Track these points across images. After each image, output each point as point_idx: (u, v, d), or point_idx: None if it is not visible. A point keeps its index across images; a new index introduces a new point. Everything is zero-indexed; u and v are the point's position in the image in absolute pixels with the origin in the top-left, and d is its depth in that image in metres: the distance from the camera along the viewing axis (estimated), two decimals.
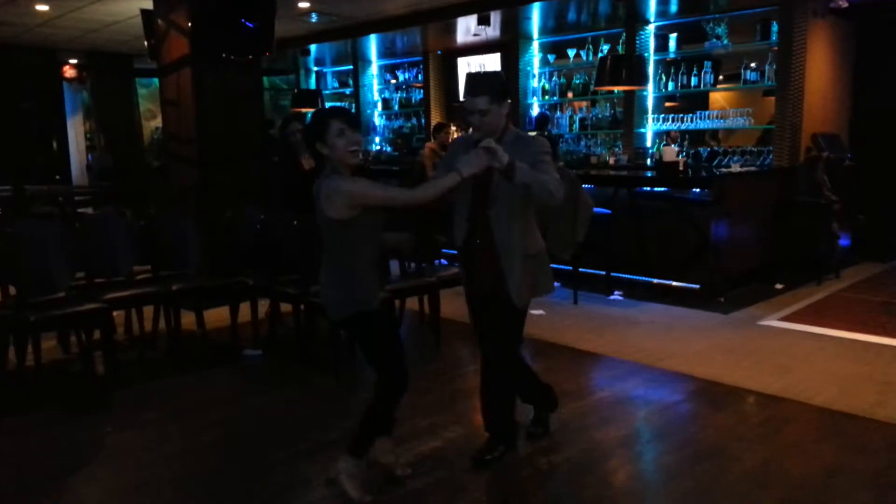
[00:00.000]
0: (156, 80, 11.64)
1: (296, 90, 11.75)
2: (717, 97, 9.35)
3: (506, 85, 3.15)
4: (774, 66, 7.18)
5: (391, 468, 3.15)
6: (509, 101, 3.04)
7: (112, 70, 11.64)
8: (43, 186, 9.73)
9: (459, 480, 3.16)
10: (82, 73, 11.55)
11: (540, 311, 5.85)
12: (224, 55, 6.15)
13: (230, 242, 5.41)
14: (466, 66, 9.98)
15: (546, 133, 8.07)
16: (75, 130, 11.82)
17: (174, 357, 4.96)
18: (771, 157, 7.26)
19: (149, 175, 11.07)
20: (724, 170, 7.00)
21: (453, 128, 9.21)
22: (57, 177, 11.36)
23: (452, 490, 3.08)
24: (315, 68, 12.32)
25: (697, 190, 6.20)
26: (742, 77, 7.55)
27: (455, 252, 3.32)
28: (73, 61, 11.41)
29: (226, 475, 3.29)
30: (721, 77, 7.95)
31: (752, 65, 7.54)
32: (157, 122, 12.48)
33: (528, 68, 9.37)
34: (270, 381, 4.64)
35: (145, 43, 7.62)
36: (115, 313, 4.51)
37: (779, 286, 6.48)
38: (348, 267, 2.87)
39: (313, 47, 11.26)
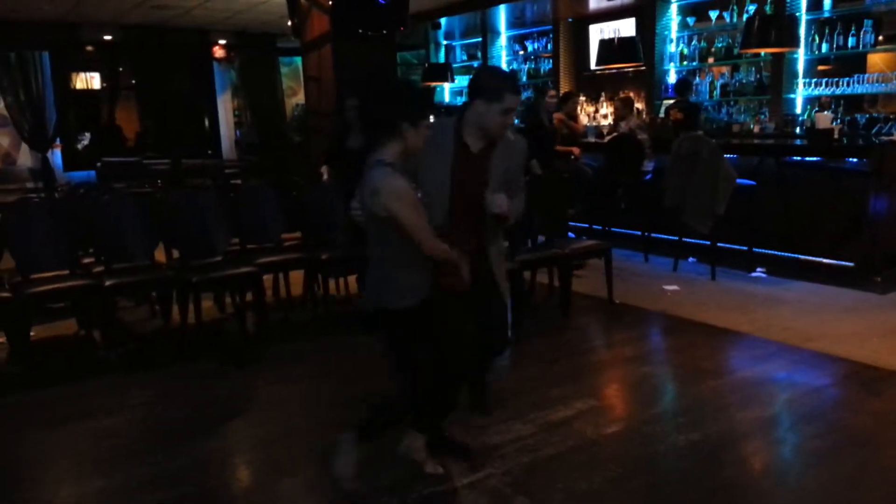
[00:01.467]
0: (296, 59, 12.26)
1: (426, 64, 11.91)
2: (877, 59, 8.52)
3: None
4: None
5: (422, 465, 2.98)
6: None
7: (258, 49, 12.33)
8: (197, 160, 10.54)
9: (591, 451, 3.17)
10: (231, 52, 12.32)
11: (674, 287, 5.68)
12: (361, 31, 6.35)
13: None
14: (599, 32, 9.70)
15: (685, 100, 7.71)
16: (224, 108, 12.66)
17: (320, 319, 5.26)
18: None
19: (290, 149, 11.69)
20: (884, 138, 6.41)
21: (582, 97, 9.03)
22: (209, 151, 12.24)
23: (588, 461, 3.09)
24: (444, 42, 12.42)
25: (854, 160, 5.73)
26: None
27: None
28: (223, 42, 12.17)
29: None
30: (881, 37, 7.25)
31: None
32: (298, 98, 13.12)
33: (666, 32, 8.96)
34: None
35: (289, 22, 8.00)
36: (265, 277, 4.85)
37: None
38: (391, 260, 2.66)
39: (443, 20, 11.35)
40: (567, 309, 5.12)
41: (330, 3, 6.22)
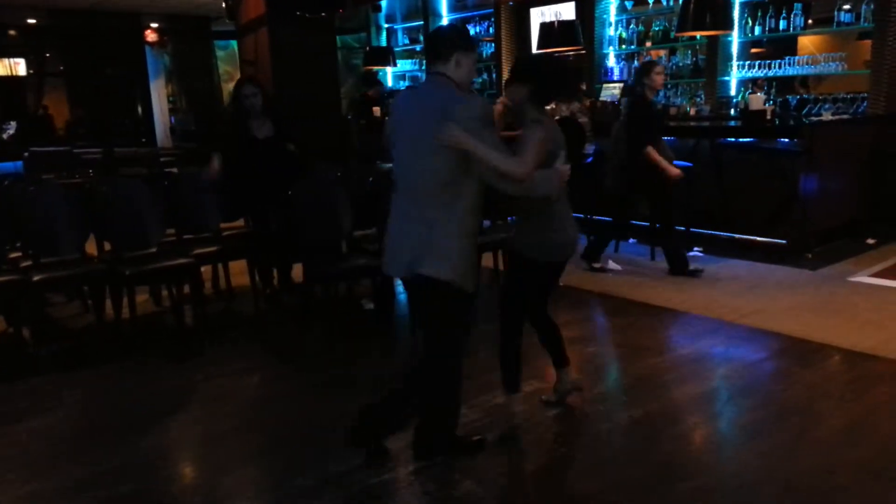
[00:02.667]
0: (232, 43, 11.93)
1: (367, 48, 11.75)
2: (806, 42, 8.80)
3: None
4: (871, 6, 6.69)
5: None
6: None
7: (191, 33, 11.95)
8: (130, 149, 10.17)
9: (537, 432, 3.20)
10: (163, 36, 11.91)
11: (617, 267, 5.77)
12: (299, 13, 6.21)
13: None
14: (540, 15, 9.71)
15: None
16: (158, 94, 12.26)
17: (264, 311, 5.15)
18: (865, 104, 6.82)
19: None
20: (814, 118, 6.63)
21: None
22: (143, 139, 11.85)
23: (533, 442, 3.12)
24: (386, 25, 12.27)
25: (786, 140, 5.91)
26: (835, 19, 7.07)
27: None
28: (155, 25, 11.75)
29: (308, 424, 3.42)
30: (811, 20, 7.48)
31: (846, 6, 7.05)
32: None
33: (605, 16, 9.04)
34: (360, 331, 4.76)
35: (223, 4, 7.77)
36: (204, 268, 4.72)
37: (871, 241, 6.15)
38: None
39: (384, 3, 11.21)
40: None
41: None
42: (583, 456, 3.04)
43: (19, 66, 11.83)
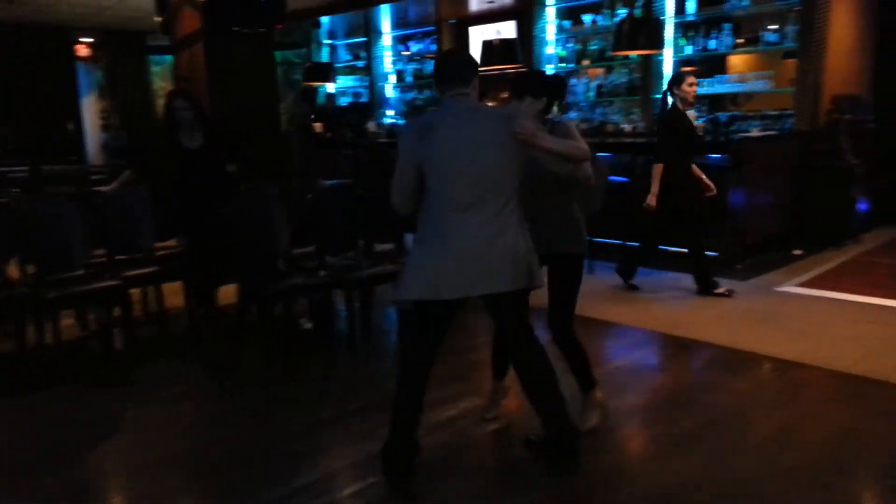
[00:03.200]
0: (168, 58, 11.69)
1: (308, 64, 11.68)
2: (736, 61, 9.13)
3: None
4: (796, 27, 7.00)
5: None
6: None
7: (125, 48, 11.66)
8: (59, 166, 9.80)
9: (475, 451, 3.18)
10: (96, 51, 11.58)
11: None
12: (236, 29, 6.12)
13: None
14: (480, 34, 9.83)
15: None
16: (90, 110, 11.89)
17: (194, 333, 5.01)
18: (791, 120, 7.12)
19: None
20: (742, 134, 6.87)
21: None
22: (73, 157, 11.44)
23: (473, 459, 3.10)
24: (327, 41, 12.23)
25: (716, 155, 6.10)
26: (761, 39, 7.37)
27: None
28: (87, 40, 11.42)
29: (246, 448, 3.33)
30: (741, 40, 7.78)
31: (773, 26, 7.36)
32: None
33: (543, 35, 9.21)
34: (291, 354, 4.67)
35: (157, 19, 7.61)
36: (133, 290, 4.57)
37: (797, 252, 6.39)
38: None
39: (325, 19, 11.16)
40: None
41: None
42: (519, 470, 3.03)
43: None
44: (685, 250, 5.62)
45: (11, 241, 4.47)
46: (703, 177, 5.39)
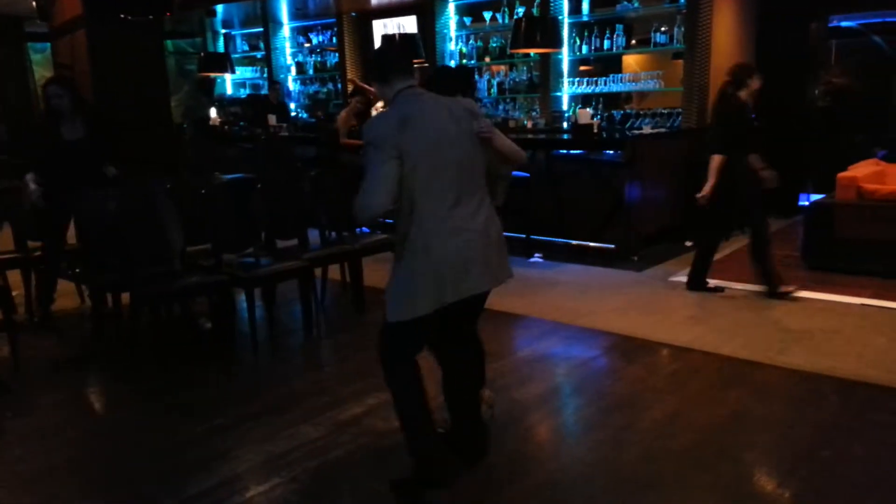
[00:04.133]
0: (49, 45, 10.96)
1: (202, 53, 11.24)
2: (631, 61, 9.51)
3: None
4: (683, 29, 7.35)
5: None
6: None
7: (1, 34, 10.82)
8: None
9: (380, 447, 3.16)
10: None
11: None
12: (121, 15, 5.80)
13: None
14: (383, 27, 9.78)
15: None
16: None
17: (82, 338, 4.74)
18: (680, 118, 7.48)
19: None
20: (635, 132, 7.16)
21: (373, 89, 9.04)
22: None
23: (378, 454, 3.08)
24: (223, 31, 11.81)
25: (611, 152, 6.33)
26: (652, 40, 7.70)
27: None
28: None
29: (136, 456, 3.17)
30: (634, 41, 8.09)
31: (662, 28, 7.70)
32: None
33: (445, 31, 9.25)
34: (190, 356, 4.48)
35: (33, 3, 7.11)
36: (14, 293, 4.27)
37: (688, 244, 6.72)
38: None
39: (220, 8, 10.78)
40: (360, 304, 5.10)
41: None
42: None
43: None
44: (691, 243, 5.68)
45: None
46: (763, 168, 5.16)
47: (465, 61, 9.19)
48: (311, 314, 4.74)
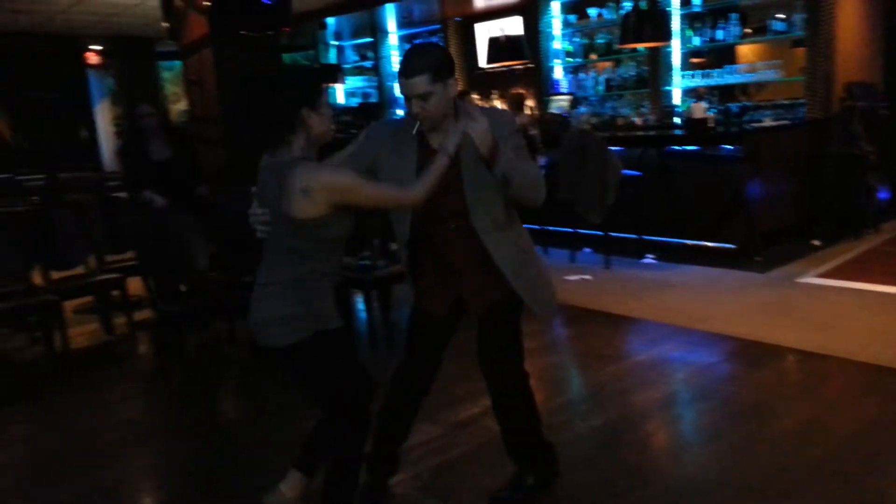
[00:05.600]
0: (178, 63, 11.75)
1: (316, 66, 11.69)
2: (745, 51, 9.08)
3: (450, 58, 2.40)
4: (803, 15, 6.95)
5: None
6: (454, 77, 2.36)
7: (135, 54, 11.72)
8: (75, 174, 9.88)
9: (499, 447, 3.17)
10: (106, 59, 11.65)
11: (575, 277, 5.82)
12: (243, 32, 6.14)
13: None
14: (486, 31, 9.81)
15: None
16: (103, 117, 11.95)
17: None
18: (803, 109, 7.07)
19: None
20: (755, 125, 6.83)
21: (475, 96, 9.11)
22: (90, 164, 11.52)
23: (495, 456, 3.10)
24: (334, 42, 12.24)
25: (729, 147, 6.07)
26: (768, 28, 7.32)
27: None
28: (97, 47, 11.49)
29: (263, 444, 3.34)
30: (748, 30, 7.73)
31: (779, 15, 7.31)
32: (183, 104, 12.58)
33: (549, 30, 9.18)
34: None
35: (164, 24, 7.64)
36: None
37: (816, 242, 6.35)
38: (310, 277, 2.31)
39: (331, 21, 11.17)
40: None
41: (207, 3, 5.98)
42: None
43: None
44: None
45: (31, 248, 4.53)
46: None
47: (570, 59, 9.09)
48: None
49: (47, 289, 4.64)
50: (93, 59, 11.58)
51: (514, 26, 9.48)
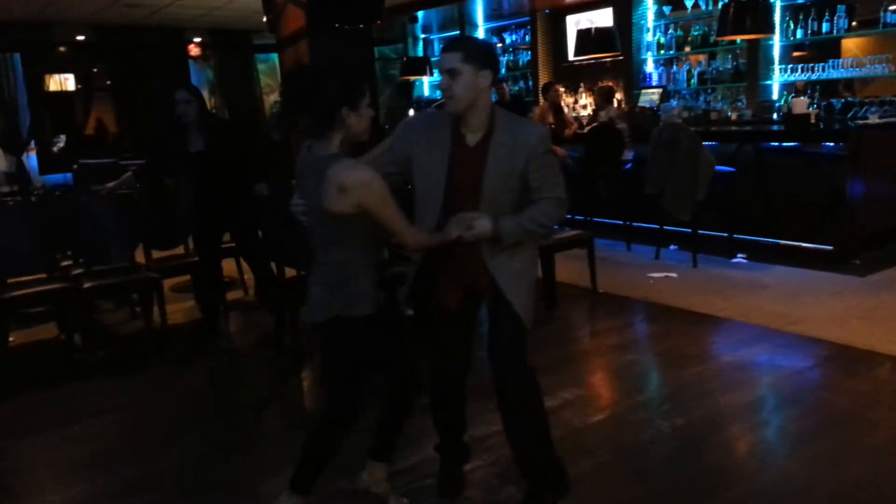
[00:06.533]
0: (273, 56, 12.17)
1: (404, 58, 11.87)
2: (850, 45, 8.61)
3: (492, 53, 2.43)
4: None
5: (385, 499, 2.73)
6: (491, 73, 2.35)
7: (233, 47, 12.20)
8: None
9: (577, 440, 3.18)
10: (206, 50, 12.18)
11: (659, 274, 5.71)
12: (337, 25, 6.30)
13: None
14: (575, 24, 9.70)
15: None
16: None
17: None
18: None
19: (270, 147, 11.58)
20: (860, 122, 6.49)
21: (561, 88, 9.03)
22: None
23: (575, 450, 3.10)
24: (422, 36, 12.39)
25: (831, 144, 5.78)
26: (881, 20, 6.92)
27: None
28: (198, 39, 12.04)
29: None
30: (855, 23, 7.33)
31: (893, 7, 6.89)
32: (276, 96, 13.01)
33: (643, 22, 8.99)
34: None
35: (264, 18, 7.92)
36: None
37: None
38: (344, 265, 2.41)
39: (421, 14, 11.31)
40: (551, 299, 5.13)
41: None
42: (623, 464, 3.01)
43: (68, 82, 12.22)
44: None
45: (137, 229, 4.83)
46: None
47: (662, 52, 8.87)
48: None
49: (148, 267, 4.92)
50: (194, 50, 12.14)
51: (604, 18, 9.34)
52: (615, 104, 8.41)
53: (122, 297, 5.54)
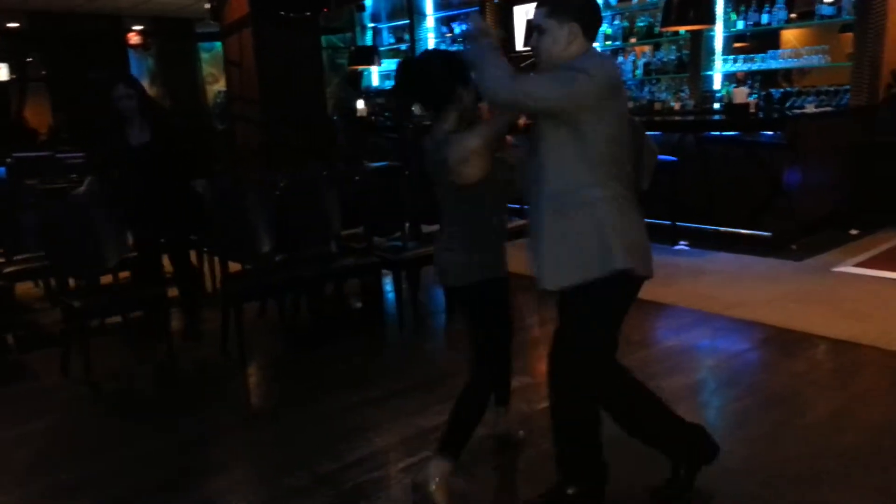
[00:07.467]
0: (217, 45, 11.91)
1: (352, 48, 11.74)
2: (789, 36, 8.87)
3: (581, 4, 2.26)
4: None
5: (507, 436, 3.03)
6: (579, 26, 2.22)
7: (175, 35, 11.90)
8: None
9: (525, 428, 3.21)
10: (146, 39, 11.85)
11: None
12: (283, 13, 6.20)
13: None
14: (524, 14, 9.74)
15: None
16: None
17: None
18: (848, 96, 6.89)
19: (214, 138, 11.36)
20: (797, 111, 6.69)
21: None
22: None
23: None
24: (371, 24, 12.27)
25: (769, 133, 5.95)
26: (816, 12, 7.13)
27: None
28: (138, 28, 11.70)
29: (301, 419, 3.42)
30: (793, 14, 7.54)
31: (828, 0, 7.11)
32: (219, 85, 12.75)
33: None
34: (339, 332, 4.77)
35: (206, 5, 7.74)
36: None
37: (854, 232, 6.21)
38: (469, 231, 2.60)
39: (369, 2, 11.20)
40: None
41: None
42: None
43: (1, 72, 11.73)
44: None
45: None
46: None
47: (609, 43, 8.97)
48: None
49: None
50: (133, 39, 11.79)
51: None
52: None
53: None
